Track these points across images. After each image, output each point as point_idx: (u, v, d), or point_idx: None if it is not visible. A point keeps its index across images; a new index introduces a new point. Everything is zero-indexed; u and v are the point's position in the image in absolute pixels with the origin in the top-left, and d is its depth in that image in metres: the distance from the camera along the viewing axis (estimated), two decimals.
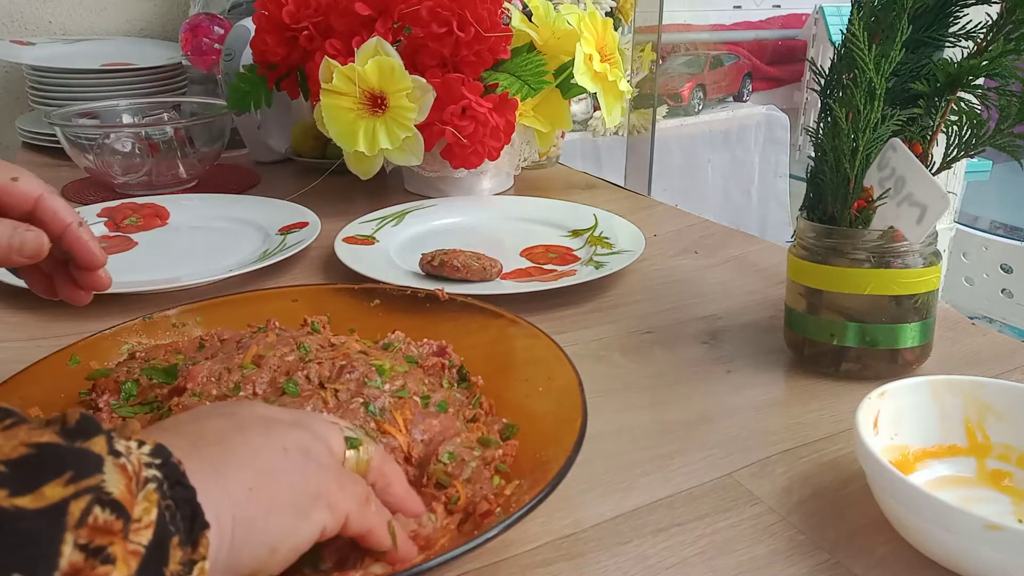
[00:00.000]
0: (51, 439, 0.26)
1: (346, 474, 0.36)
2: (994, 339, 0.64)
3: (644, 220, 0.89)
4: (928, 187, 0.52)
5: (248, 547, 0.31)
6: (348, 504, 0.34)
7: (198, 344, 0.53)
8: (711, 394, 0.56)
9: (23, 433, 0.26)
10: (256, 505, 0.31)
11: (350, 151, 0.87)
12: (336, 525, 0.34)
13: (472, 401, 0.50)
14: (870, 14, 0.55)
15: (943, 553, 0.39)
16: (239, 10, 1.29)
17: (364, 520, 0.35)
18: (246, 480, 0.31)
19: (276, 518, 0.32)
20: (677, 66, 2.02)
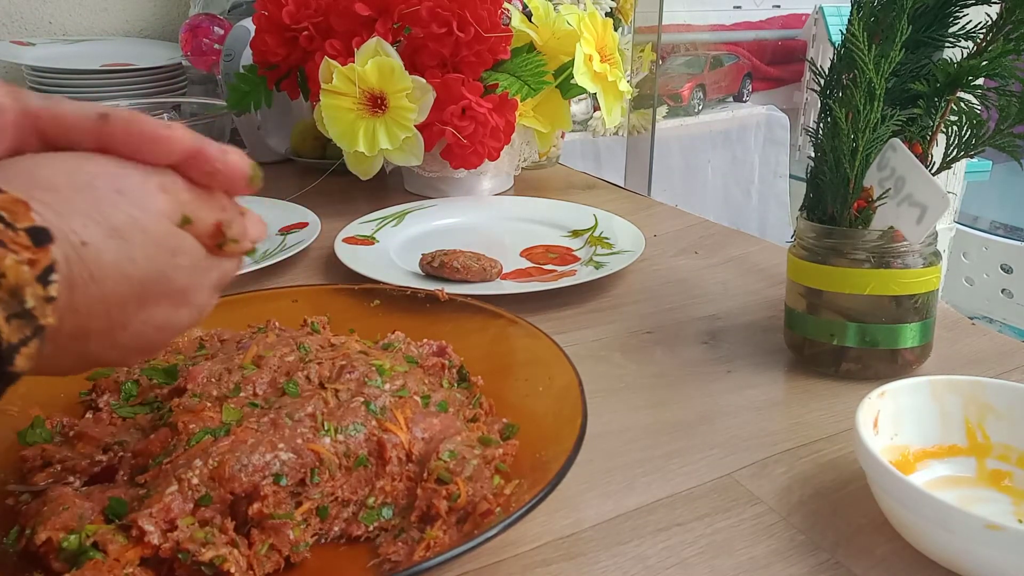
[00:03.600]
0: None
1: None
2: (994, 339, 0.64)
3: (644, 220, 0.89)
4: (928, 187, 0.52)
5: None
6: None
7: (198, 344, 0.53)
8: (711, 394, 0.56)
9: None
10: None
11: (350, 151, 0.87)
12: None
13: (472, 401, 0.50)
14: (870, 14, 0.55)
15: (943, 553, 0.39)
16: (239, 10, 1.29)
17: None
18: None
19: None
20: (677, 66, 2.02)
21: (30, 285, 0.27)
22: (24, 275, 0.26)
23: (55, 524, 0.36)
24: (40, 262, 0.27)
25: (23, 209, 0.27)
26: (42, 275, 0.27)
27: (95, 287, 0.30)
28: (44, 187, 0.30)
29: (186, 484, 0.38)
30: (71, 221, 0.29)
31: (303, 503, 0.40)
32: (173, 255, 0.33)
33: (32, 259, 0.27)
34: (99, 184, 0.31)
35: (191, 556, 0.35)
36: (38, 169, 0.31)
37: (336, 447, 0.41)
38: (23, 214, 0.27)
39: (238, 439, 0.40)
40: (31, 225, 0.27)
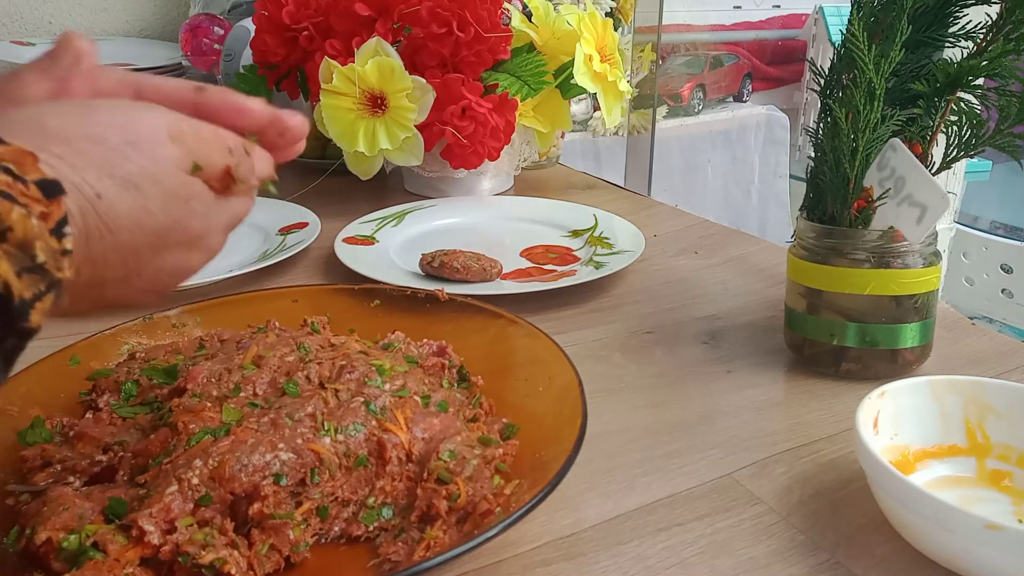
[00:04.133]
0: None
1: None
2: (994, 339, 0.64)
3: (644, 220, 0.89)
4: (928, 187, 0.52)
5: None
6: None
7: (198, 344, 0.53)
8: (711, 394, 0.56)
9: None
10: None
11: (350, 151, 0.87)
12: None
13: (472, 401, 0.50)
14: (870, 14, 0.55)
15: (943, 553, 0.39)
16: (239, 10, 1.29)
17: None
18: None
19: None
20: (677, 66, 2.02)
21: (40, 239, 0.26)
22: (32, 229, 0.26)
23: (55, 524, 0.36)
24: (53, 215, 0.27)
25: (31, 161, 0.27)
26: (56, 228, 0.27)
27: (111, 238, 0.31)
28: (56, 139, 0.30)
29: (186, 484, 0.38)
30: (85, 173, 0.30)
31: (303, 503, 0.40)
32: (186, 202, 0.34)
33: (44, 212, 0.27)
34: (110, 135, 0.31)
35: (191, 559, 0.35)
36: (47, 119, 0.30)
37: (336, 447, 0.41)
38: (31, 166, 0.27)
39: (238, 439, 0.40)
40: (41, 177, 0.27)
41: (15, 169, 0.26)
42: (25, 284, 0.26)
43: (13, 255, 0.26)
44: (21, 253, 0.26)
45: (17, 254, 0.26)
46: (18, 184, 0.26)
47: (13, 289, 0.25)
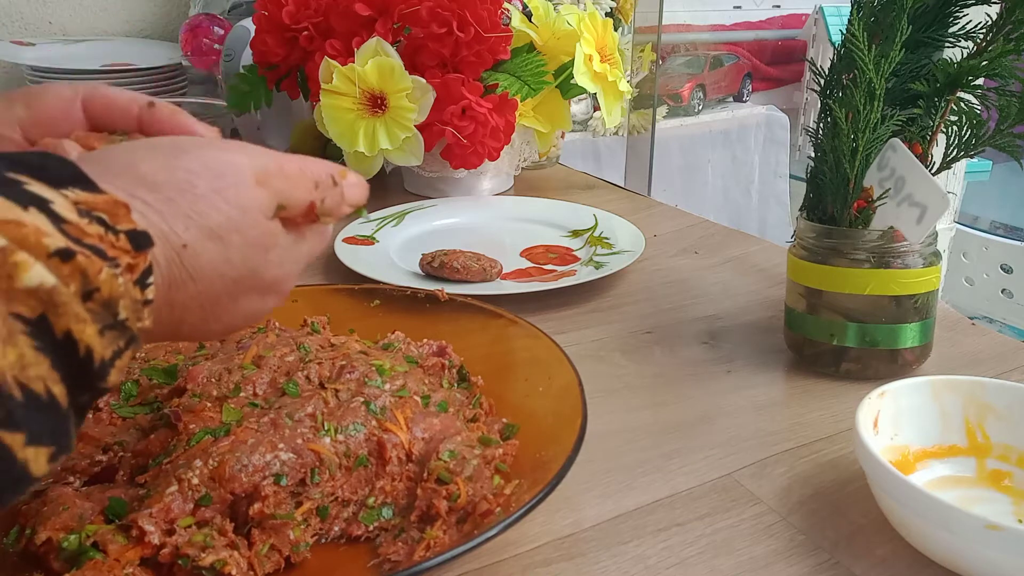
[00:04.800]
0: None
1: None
2: (994, 339, 0.64)
3: (644, 220, 0.89)
4: (928, 187, 0.52)
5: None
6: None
7: (198, 344, 0.53)
8: (711, 394, 0.56)
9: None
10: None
11: (350, 151, 0.87)
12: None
13: (472, 401, 0.50)
14: (870, 14, 0.55)
15: (943, 553, 0.39)
16: (239, 10, 1.29)
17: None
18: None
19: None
20: (677, 66, 2.02)
21: (125, 297, 0.27)
22: (119, 288, 0.27)
23: (55, 524, 0.36)
24: (139, 266, 0.28)
25: (124, 212, 0.28)
26: (140, 278, 0.28)
27: (192, 286, 0.31)
28: (147, 185, 0.30)
29: (186, 484, 0.38)
30: (173, 223, 0.30)
31: (303, 503, 0.40)
32: (266, 252, 0.34)
33: (132, 264, 0.27)
34: (199, 184, 0.31)
35: (191, 561, 0.35)
36: (139, 164, 0.31)
37: (336, 447, 0.41)
38: (124, 216, 0.28)
39: (238, 439, 0.40)
40: (132, 228, 0.28)
41: (108, 219, 0.27)
42: (107, 342, 0.26)
43: (97, 314, 0.26)
44: (105, 311, 0.26)
45: (101, 313, 0.26)
46: (109, 235, 0.27)
47: (95, 353, 0.26)
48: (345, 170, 0.38)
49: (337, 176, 0.37)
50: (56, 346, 0.25)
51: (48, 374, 0.24)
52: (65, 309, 0.25)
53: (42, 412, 0.24)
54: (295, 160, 0.36)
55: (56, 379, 0.25)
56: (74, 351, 0.25)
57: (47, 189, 0.26)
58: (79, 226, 0.26)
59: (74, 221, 0.26)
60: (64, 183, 0.27)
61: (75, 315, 0.25)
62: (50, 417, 0.24)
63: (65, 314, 0.25)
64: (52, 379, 0.24)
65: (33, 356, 0.24)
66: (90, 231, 0.26)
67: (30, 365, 0.24)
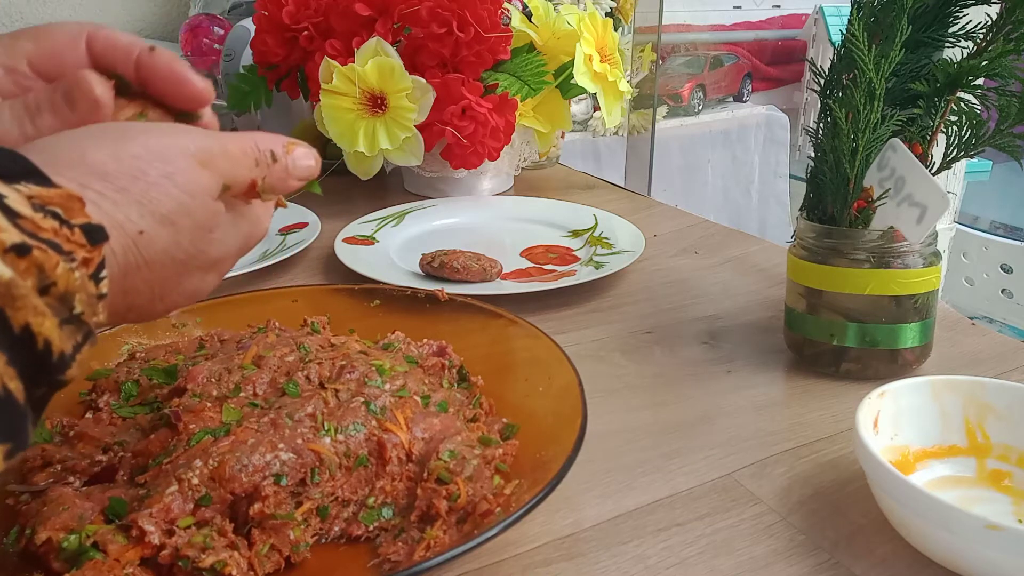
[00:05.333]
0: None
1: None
2: (994, 339, 0.64)
3: (644, 220, 0.89)
4: (928, 187, 0.52)
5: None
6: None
7: (198, 344, 0.53)
8: (711, 394, 0.56)
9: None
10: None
11: (350, 151, 0.87)
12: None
13: (472, 401, 0.50)
14: (870, 14, 0.55)
15: (943, 553, 0.39)
16: (239, 10, 1.29)
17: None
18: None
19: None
20: (677, 66, 2.02)
21: (81, 291, 0.27)
22: (74, 282, 0.27)
23: (55, 524, 0.36)
24: (93, 260, 0.28)
25: (78, 205, 0.28)
26: (94, 272, 0.28)
27: (146, 271, 0.32)
28: (98, 175, 0.30)
29: (186, 484, 0.38)
30: (128, 211, 0.31)
31: (303, 503, 0.40)
32: (211, 231, 0.35)
33: (87, 258, 0.27)
34: (149, 170, 0.32)
35: (191, 562, 0.35)
36: (89, 152, 0.31)
37: (336, 447, 0.41)
38: (78, 210, 0.28)
39: (238, 439, 0.40)
40: (86, 222, 0.28)
41: (62, 213, 0.27)
42: (66, 336, 0.27)
43: (55, 308, 0.26)
44: (61, 306, 0.26)
45: (58, 307, 0.26)
46: (64, 229, 0.27)
47: (54, 346, 0.26)
48: (293, 143, 0.38)
49: (279, 151, 0.37)
50: (13, 341, 0.25)
51: (3, 370, 0.24)
52: (24, 303, 0.25)
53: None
54: (238, 139, 0.36)
55: (12, 375, 0.25)
56: (32, 344, 0.25)
57: (0, 184, 0.26)
58: (34, 220, 0.26)
59: (28, 216, 0.26)
60: (17, 177, 0.27)
61: (33, 308, 0.25)
62: (6, 414, 0.24)
63: (24, 307, 0.25)
64: (8, 375, 0.24)
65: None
66: (45, 225, 0.26)
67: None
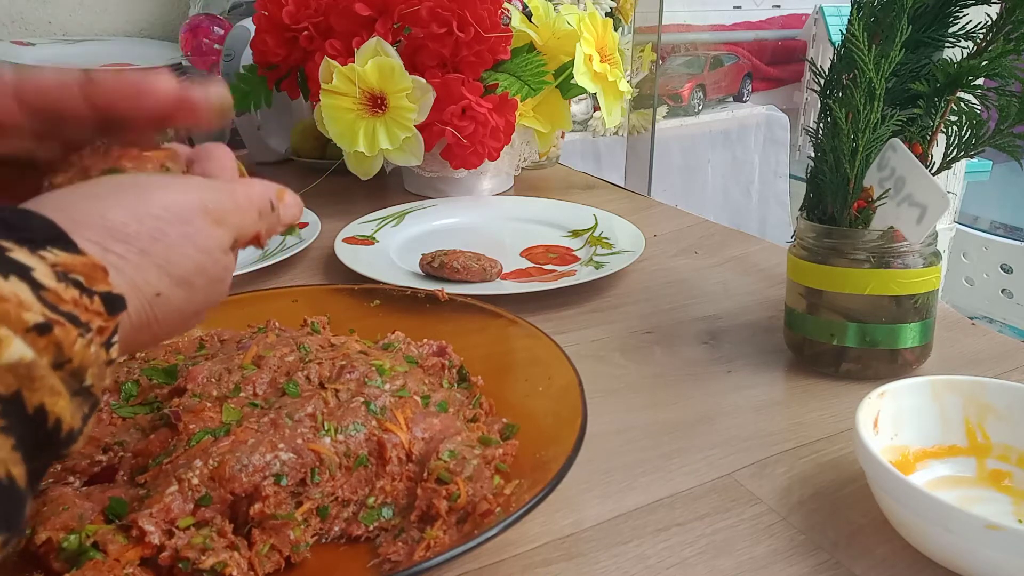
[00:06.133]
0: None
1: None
2: (994, 339, 0.64)
3: (644, 220, 0.89)
4: (928, 187, 0.52)
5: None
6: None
7: (198, 344, 0.53)
8: (711, 394, 0.56)
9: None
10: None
11: (350, 151, 0.87)
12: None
13: (472, 401, 0.50)
14: (870, 14, 0.55)
15: (943, 553, 0.39)
16: (239, 10, 1.29)
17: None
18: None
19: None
20: (677, 66, 2.02)
21: (93, 365, 0.27)
22: (89, 357, 0.27)
23: (55, 524, 0.36)
24: (108, 328, 0.28)
25: (101, 275, 0.28)
26: (107, 339, 0.28)
27: (155, 326, 0.32)
28: (119, 238, 0.30)
29: (186, 484, 0.38)
30: (148, 275, 0.31)
31: (303, 503, 0.40)
32: (220, 282, 0.35)
33: (102, 327, 0.27)
34: (169, 232, 0.32)
35: (192, 564, 0.35)
36: (109, 212, 0.30)
37: (336, 447, 0.41)
38: (101, 279, 0.28)
39: (238, 439, 0.40)
40: (107, 291, 0.28)
41: (84, 282, 0.27)
42: (74, 411, 0.26)
43: (67, 382, 0.26)
44: (73, 380, 0.26)
45: (70, 381, 0.26)
46: (84, 298, 0.27)
47: (63, 424, 0.26)
48: (283, 191, 0.39)
49: (275, 200, 0.38)
50: (24, 421, 0.24)
51: (9, 456, 0.24)
52: (41, 383, 0.25)
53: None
54: (240, 188, 0.36)
55: (17, 460, 0.24)
56: (43, 424, 0.25)
57: (28, 255, 0.26)
58: (56, 292, 0.26)
59: (52, 288, 0.26)
60: (44, 242, 0.27)
61: (50, 388, 0.25)
62: (5, 502, 0.24)
63: (40, 388, 0.25)
64: (12, 461, 0.24)
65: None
66: (66, 296, 0.26)
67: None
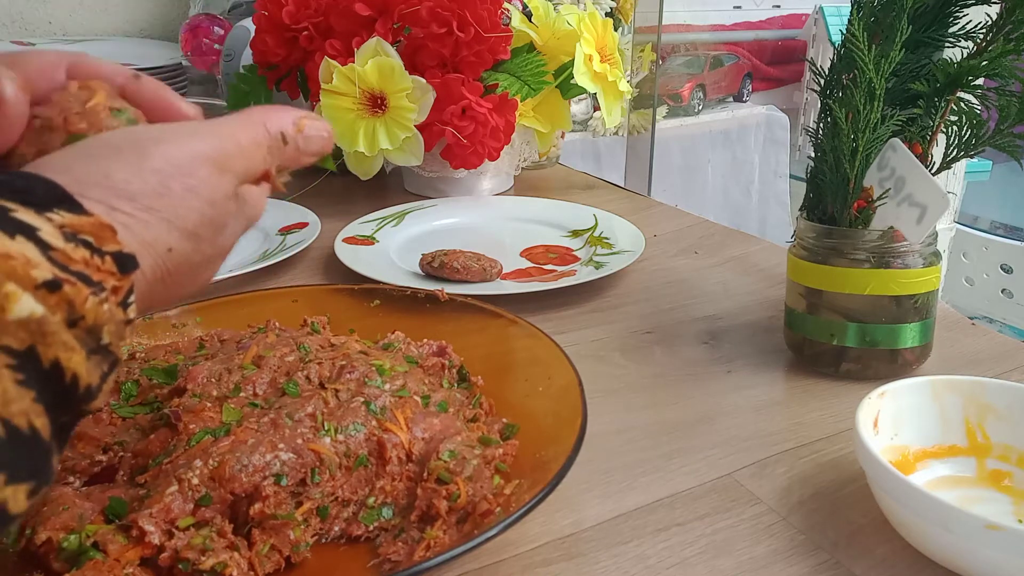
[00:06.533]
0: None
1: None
2: (994, 339, 0.64)
3: (644, 220, 0.89)
4: (928, 187, 0.52)
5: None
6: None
7: (198, 344, 0.53)
8: (711, 394, 0.56)
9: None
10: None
11: (350, 151, 0.87)
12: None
13: (472, 401, 0.50)
14: (870, 14, 0.55)
15: (943, 553, 0.39)
16: (239, 10, 1.29)
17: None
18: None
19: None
20: (677, 66, 2.02)
21: (109, 323, 0.27)
22: (103, 315, 0.27)
23: (55, 524, 0.36)
24: (123, 288, 0.28)
25: (109, 234, 0.28)
26: (123, 299, 0.28)
27: (168, 280, 0.32)
28: (125, 196, 0.30)
29: (186, 484, 0.38)
30: (157, 230, 0.31)
31: (303, 503, 0.40)
32: (225, 227, 0.35)
33: (116, 286, 0.27)
34: (173, 185, 0.32)
35: (192, 565, 0.35)
36: (112, 171, 0.30)
37: (336, 447, 0.41)
38: (110, 238, 0.28)
39: (238, 439, 0.40)
40: (118, 250, 0.28)
41: (93, 242, 0.27)
42: (92, 368, 0.27)
43: (83, 340, 0.26)
44: (89, 338, 0.26)
45: (86, 339, 0.26)
46: (95, 259, 0.27)
47: (81, 380, 0.26)
48: (304, 119, 0.37)
49: (290, 131, 0.37)
50: (41, 376, 0.25)
51: (31, 407, 0.24)
52: (54, 339, 0.25)
53: (23, 448, 0.24)
54: (248, 128, 0.35)
55: (39, 411, 0.24)
56: (60, 379, 0.25)
57: (33, 215, 0.26)
58: (65, 252, 0.26)
59: (60, 247, 0.26)
60: (49, 205, 0.27)
61: (63, 343, 0.25)
62: (31, 452, 0.24)
63: (54, 343, 0.25)
64: (35, 412, 0.24)
65: (16, 391, 0.24)
66: (76, 256, 0.26)
67: (12, 401, 0.24)
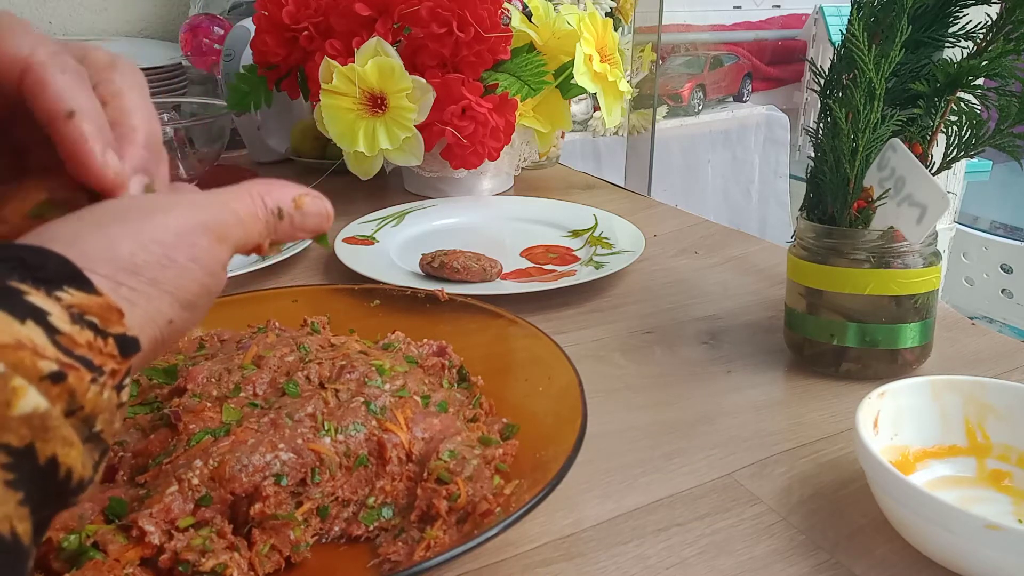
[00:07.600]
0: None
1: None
2: (994, 339, 0.64)
3: (644, 220, 0.89)
4: (928, 187, 0.52)
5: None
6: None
7: (198, 344, 0.53)
8: (711, 394, 0.56)
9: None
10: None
11: (350, 151, 0.87)
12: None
13: (472, 401, 0.50)
14: (870, 14, 0.55)
15: (943, 553, 0.39)
16: (239, 10, 1.29)
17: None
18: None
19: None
20: (677, 66, 2.02)
21: (104, 411, 0.27)
22: (101, 403, 0.26)
23: (55, 524, 0.36)
24: (120, 372, 0.27)
25: (116, 316, 0.28)
26: (119, 383, 0.28)
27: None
28: (130, 270, 0.30)
29: (186, 484, 0.38)
30: (160, 304, 0.31)
31: (303, 503, 0.40)
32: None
33: (115, 370, 0.27)
34: (177, 257, 0.32)
35: (192, 566, 0.35)
36: (116, 243, 0.30)
37: (336, 447, 0.41)
38: (116, 321, 0.28)
39: (238, 439, 0.40)
40: (122, 333, 0.28)
41: (99, 324, 0.27)
42: (86, 460, 0.26)
43: (78, 428, 0.26)
44: (83, 426, 0.26)
45: (80, 427, 0.26)
46: (98, 341, 0.27)
47: (74, 474, 0.26)
48: (303, 195, 0.37)
49: (287, 207, 0.36)
50: (35, 474, 0.24)
51: (15, 512, 0.23)
52: (54, 433, 0.24)
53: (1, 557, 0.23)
54: (246, 200, 0.35)
55: (23, 515, 0.23)
56: (54, 475, 0.25)
57: (44, 298, 0.26)
58: (71, 336, 0.26)
59: (67, 332, 0.26)
60: (60, 282, 0.27)
61: (63, 439, 0.25)
62: (8, 560, 0.23)
63: (53, 439, 0.24)
64: (19, 516, 0.23)
65: (2, 494, 0.23)
66: (81, 340, 0.26)
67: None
